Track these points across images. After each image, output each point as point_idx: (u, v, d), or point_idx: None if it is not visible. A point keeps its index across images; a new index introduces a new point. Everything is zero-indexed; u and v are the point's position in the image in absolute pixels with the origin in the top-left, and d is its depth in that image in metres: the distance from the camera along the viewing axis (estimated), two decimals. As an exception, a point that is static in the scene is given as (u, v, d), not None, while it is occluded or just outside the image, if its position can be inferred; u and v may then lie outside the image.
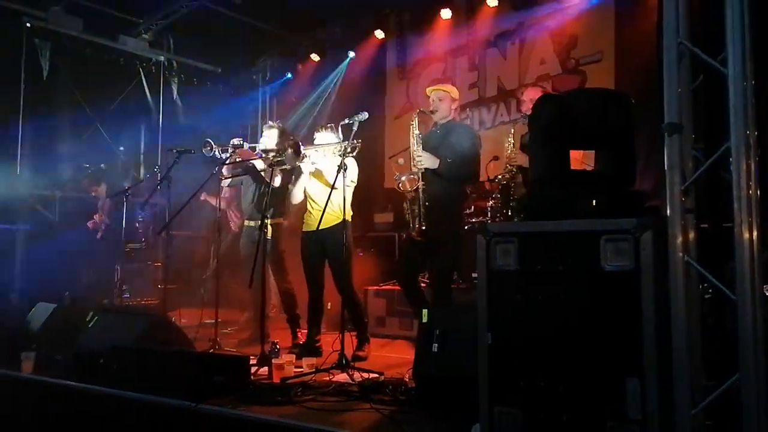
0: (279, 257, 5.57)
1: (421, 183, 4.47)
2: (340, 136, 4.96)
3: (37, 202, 7.99)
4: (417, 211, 4.45)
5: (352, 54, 9.33)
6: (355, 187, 4.96)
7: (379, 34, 9.09)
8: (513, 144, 5.59)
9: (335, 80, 9.44)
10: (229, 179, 5.63)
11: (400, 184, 4.52)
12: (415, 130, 4.59)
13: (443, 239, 4.48)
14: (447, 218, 4.52)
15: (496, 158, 6.17)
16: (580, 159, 4.83)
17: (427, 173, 4.50)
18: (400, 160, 4.85)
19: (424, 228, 4.43)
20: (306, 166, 4.93)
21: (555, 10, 7.51)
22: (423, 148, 4.55)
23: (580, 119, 2.69)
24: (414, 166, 4.51)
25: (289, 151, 4.67)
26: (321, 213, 4.51)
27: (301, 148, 4.70)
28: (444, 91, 4.78)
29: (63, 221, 8.24)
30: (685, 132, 2.32)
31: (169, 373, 3.67)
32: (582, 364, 2.40)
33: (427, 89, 4.90)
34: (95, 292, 7.58)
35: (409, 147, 4.60)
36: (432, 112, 4.71)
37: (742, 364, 2.11)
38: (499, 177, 5.75)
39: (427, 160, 4.48)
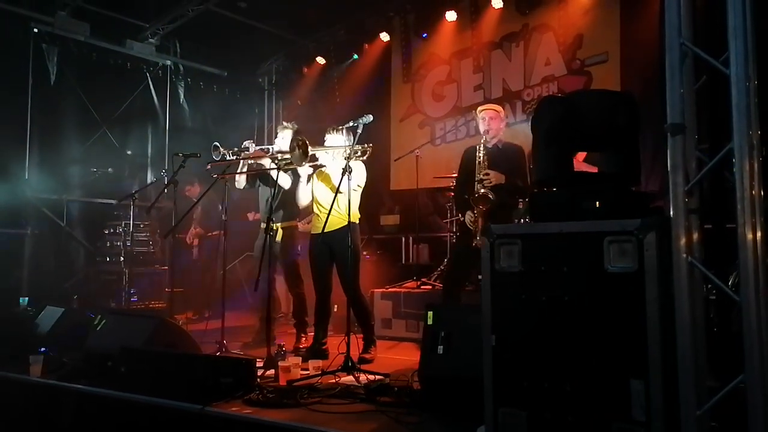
0: (292, 262, 5.57)
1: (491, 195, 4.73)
2: (351, 139, 4.97)
3: (44, 206, 8.02)
4: (478, 225, 4.68)
5: (355, 56, 9.38)
6: (362, 190, 4.97)
7: (384, 36, 9.12)
8: None
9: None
10: (243, 180, 5.64)
11: (474, 201, 4.75)
12: (482, 150, 4.84)
13: None
14: None
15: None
16: (581, 161, 4.89)
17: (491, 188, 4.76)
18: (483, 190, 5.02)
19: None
20: (304, 170, 4.95)
21: (560, 10, 7.51)
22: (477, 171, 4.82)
23: (584, 121, 2.69)
24: (482, 186, 4.74)
25: (297, 150, 4.68)
26: (326, 216, 4.53)
27: (309, 148, 4.71)
28: (495, 110, 5.03)
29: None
30: (689, 132, 2.32)
31: (176, 375, 3.68)
32: (586, 365, 2.40)
33: (478, 108, 5.14)
34: (103, 296, 7.64)
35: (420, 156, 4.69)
36: (486, 132, 4.93)
37: (747, 364, 2.10)
38: None
39: (495, 178, 4.72)
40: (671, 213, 2.30)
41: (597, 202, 2.57)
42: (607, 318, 2.38)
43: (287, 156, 4.83)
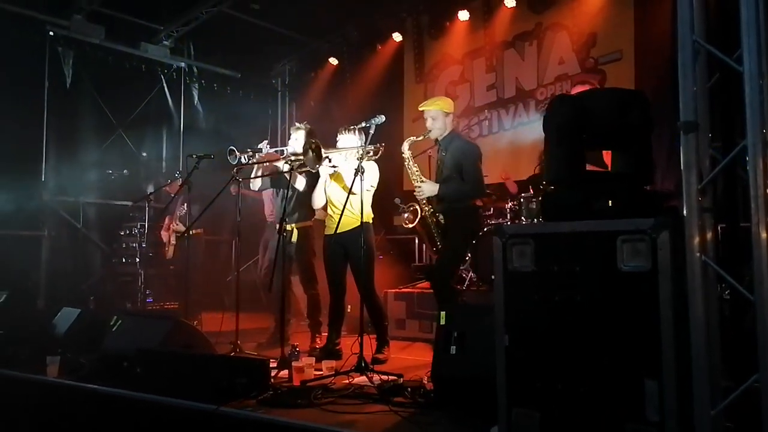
0: (308, 263, 5.58)
1: (427, 207, 4.61)
2: (363, 138, 4.98)
3: (61, 208, 8.10)
4: (428, 232, 4.62)
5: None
6: (375, 190, 4.98)
7: (397, 37, 9.13)
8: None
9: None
10: (260, 181, 5.67)
11: (405, 222, 4.67)
12: (411, 162, 4.75)
13: (454, 251, 4.66)
14: (460, 231, 4.65)
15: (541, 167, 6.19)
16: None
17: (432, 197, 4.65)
18: (397, 200, 4.98)
19: (440, 245, 4.62)
20: (324, 169, 4.95)
21: (573, 9, 7.47)
22: (437, 174, 4.74)
23: (596, 119, 2.68)
24: (415, 195, 4.65)
25: (311, 153, 4.69)
26: (339, 216, 4.54)
27: (323, 151, 4.72)
28: (436, 108, 4.73)
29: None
30: (702, 130, 2.30)
31: (191, 375, 3.71)
32: (600, 365, 2.39)
33: (420, 106, 4.89)
34: (119, 297, 7.71)
35: (432, 155, 4.68)
36: (427, 133, 4.76)
37: (762, 364, 2.08)
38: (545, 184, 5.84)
39: (427, 189, 4.61)
40: (684, 212, 2.28)
41: (609, 202, 2.56)
42: (620, 318, 2.36)
43: (301, 157, 4.85)
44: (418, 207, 4.60)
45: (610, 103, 2.77)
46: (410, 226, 4.64)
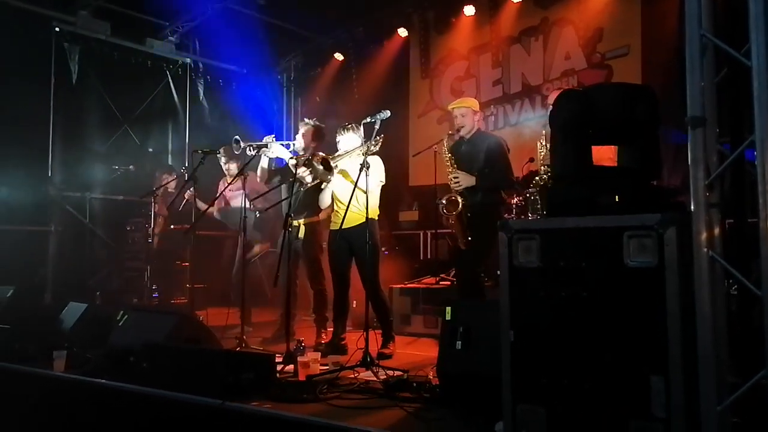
0: (314, 258, 5.57)
1: (461, 199, 4.64)
2: (362, 134, 5.00)
3: (67, 203, 8.12)
4: (462, 224, 4.65)
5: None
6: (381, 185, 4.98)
7: (403, 32, 9.10)
8: (545, 145, 5.57)
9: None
10: (266, 175, 5.68)
11: (444, 209, 4.68)
12: (447, 153, 4.80)
13: (488, 245, 4.65)
14: (490, 226, 4.60)
15: (531, 160, 6.16)
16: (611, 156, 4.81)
17: (466, 188, 4.69)
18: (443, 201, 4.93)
19: (470, 238, 4.66)
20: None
21: (580, 4, 7.44)
22: (456, 164, 4.78)
23: (602, 114, 2.67)
24: (452, 187, 4.70)
25: (320, 167, 4.73)
26: (344, 211, 4.54)
27: (331, 162, 4.76)
28: (465, 107, 4.92)
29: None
30: (709, 126, 2.29)
31: (197, 370, 3.72)
32: (606, 361, 2.38)
33: (449, 106, 5.04)
34: (125, 292, 7.73)
35: (438, 151, 4.71)
36: (458, 129, 4.87)
37: (769, 360, 2.07)
38: (537, 179, 5.78)
39: (464, 180, 4.67)
40: (692, 207, 2.27)
41: (616, 197, 2.54)
42: (626, 314, 2.35)
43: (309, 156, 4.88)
44: (459, 198, 4.64)
45: (617, 97, 2.76)
46: (450, 213, 4.67)
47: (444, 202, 4.68)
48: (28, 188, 7.65)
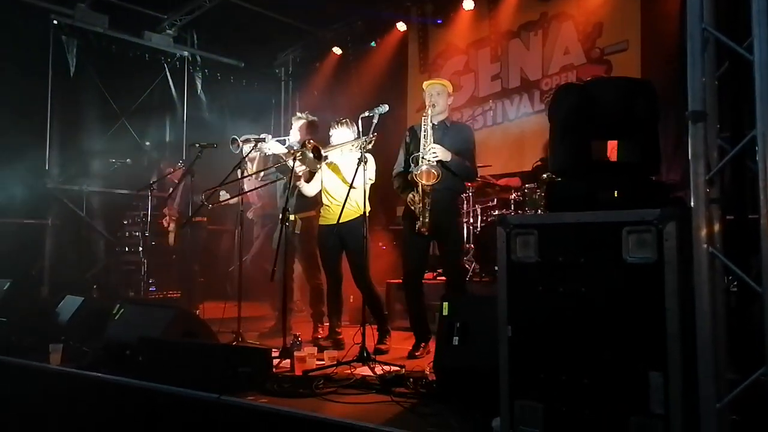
0: (311, 253, 5.56)
1: (428, 183, 4.47)
2: (356, 129, 4.97)
3: (64, 196, 8.10)
4: (424, 205, 4.51)
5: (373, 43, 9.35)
6: (377, 179, 4.94)
7: (401, 26, 9.07)
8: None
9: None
10: (262, 171, 5.66)
11: (417, 176, 4.47)
12: (429, 124, 4.61)
13: (449, 231, 4.68)
14: (452, 211, 4.73)
15: (542, 160, 6.17)
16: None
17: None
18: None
19: (428, 221, 4.51)
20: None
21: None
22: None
23: (601, 109, 2.64)
24: (427, 157, 4.49)
25: (310, 154, 4.69)
26: (340, 207, 4.51)
27: (322, 151, 4.72)
28: (441, 85, 4.82)
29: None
30: (710, 120, 2.27)
31: (193, 364, 3.71)
32: (604, 357, 2.37)
33: (424, 84, 4.89)
34: (122, 286, 7.71)
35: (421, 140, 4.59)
36: (433, 106, 4.70)
37: (769, 357, 2.06)
38: (545, 176, 5.80)
39: (441, 154, 4.50)
40: (692, 203, 2.25)
41: (615, 192, 2.53)
42: (625, 309, 2.34)
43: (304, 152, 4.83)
44: (436, 171, 4.43)
45: (616, 92, 2.73)
46: (423, 183, 4.45)
47: (423, 168, 4.44)
48: (25, 181, 7.63)
